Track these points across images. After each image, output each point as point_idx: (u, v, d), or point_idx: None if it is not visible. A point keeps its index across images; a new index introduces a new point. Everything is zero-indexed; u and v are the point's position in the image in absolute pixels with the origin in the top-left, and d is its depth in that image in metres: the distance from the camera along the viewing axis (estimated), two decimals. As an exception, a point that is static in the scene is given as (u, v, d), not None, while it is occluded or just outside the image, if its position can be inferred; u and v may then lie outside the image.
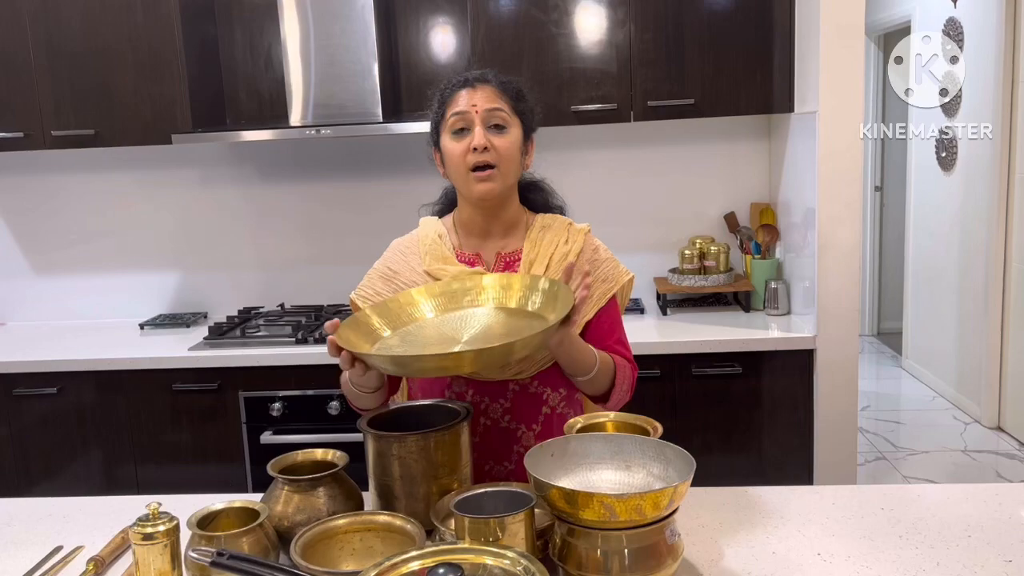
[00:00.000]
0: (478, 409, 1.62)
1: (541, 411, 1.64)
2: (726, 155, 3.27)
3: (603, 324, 1.66)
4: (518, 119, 1.62)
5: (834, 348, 2.77)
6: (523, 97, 1.64)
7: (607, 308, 1.67)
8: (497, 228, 1.68)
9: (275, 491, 1.40)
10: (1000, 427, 4.51)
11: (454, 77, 1.65)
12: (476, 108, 1.58)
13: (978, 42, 4.39)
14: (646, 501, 1.16)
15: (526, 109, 1.64)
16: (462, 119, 1.58)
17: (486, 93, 1.59)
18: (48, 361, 2.91)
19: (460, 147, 1.58)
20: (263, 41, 3.22)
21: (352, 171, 3.34)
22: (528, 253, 1.65)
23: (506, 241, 1.68)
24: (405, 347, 1.49)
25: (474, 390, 1.62)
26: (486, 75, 1.63)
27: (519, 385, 1.62)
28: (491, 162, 1.57)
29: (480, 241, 1.68)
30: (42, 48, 2.96)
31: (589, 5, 2.88)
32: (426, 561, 1.10)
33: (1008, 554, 1.34)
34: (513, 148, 1.60)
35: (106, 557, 1.41)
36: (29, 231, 3.46)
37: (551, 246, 1.65)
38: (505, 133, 1.59)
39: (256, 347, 2.90)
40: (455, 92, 1.61)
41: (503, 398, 1.62)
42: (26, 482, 2.94)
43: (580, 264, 1.64)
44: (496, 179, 1.58)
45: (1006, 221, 4.36)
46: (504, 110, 1.59)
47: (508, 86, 1.63)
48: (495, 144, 1.57)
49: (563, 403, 1.66)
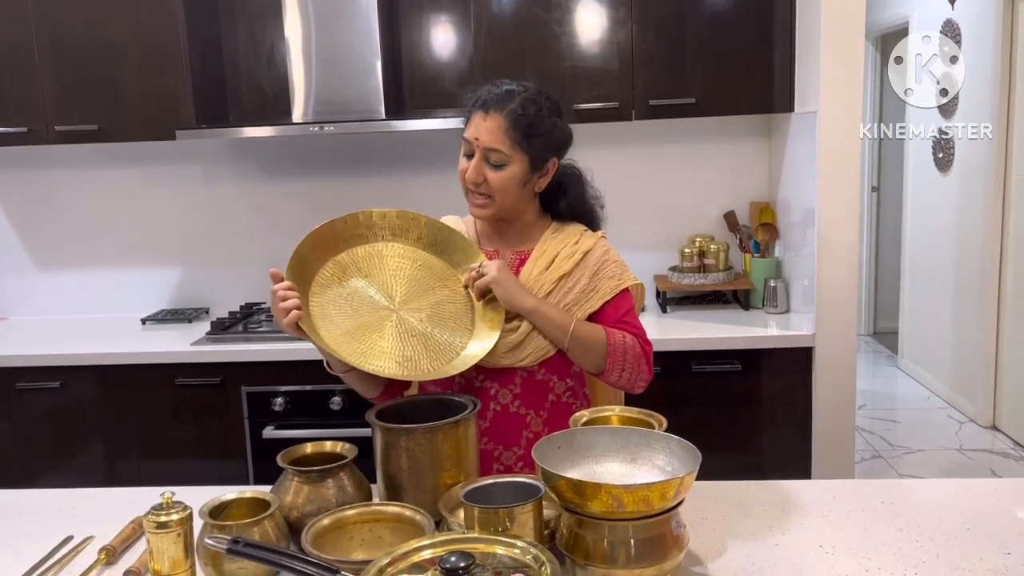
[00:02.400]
0: (488, 394, 1.67)
1: (547, 398, 1.69)
2: (726, 154, 3.29)
3: (606, 310, 1.70)
4: (523, 154, 1.63)
5: (832, 346, 2.79)
6: (535, 131, 1.63)
7: (614, 298, 1.70)
8: (511, 233, 1.75)
9: (285, 482, 1.42)
10: (995, 426, 4.54)
11: (483, 91, 1.66)
12: (478, 142, 1.62)
13: (975, 44, 4.42)
14: (653, 492, 1.18)
15: (536, 144, 1.63)
16: (469, 145, 1.64)
17: (492, 126, 1.61)
18: (51, 355, 2.92)
19: (462, 167, 1.66)
20: (266, 38, 3.24)
21: (354, 168, 3.36)
22: (537, 251, 1.71)
23: (521, 242, 1.74)
24: (345, 318, 1.62)
25: (484, 376, 1.67)
26: (506, 103, 1.61)
27: (527, 372, 1.67)
28: (485, 192, 1.64)
29: (498, 240, 1.75)
30: (46, 43, 2.97)
31: (591, 4, 2.90)
32: (437, 550, 1.12)
33: (1007, 547, 1.36)
34: (510, 183, 1.63)
35: (117, 547, 1.43)
36: (32, 226, 3.47)
37: (560, 245, 1.71)
38: (502, 170, 1.62)
39: (258, 342, 2.92)
40: (473, 112, 1.65)
41: (512, 384, 1.68)
42: (29, 476, 2.95)
43: (588, 262, 1.69)
44: (491, 207, 1.66)
45: (1002, 222, 4.39)
46: (503, 150, 1.61)
47: (520, 120, 1.61)
48: (488, 178, 1.62)
49: (568, 393, 1.72)
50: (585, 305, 1.68)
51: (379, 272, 1.68)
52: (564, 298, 1.67)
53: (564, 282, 1.68)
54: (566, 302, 1.67)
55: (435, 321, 1.64)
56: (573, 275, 1.68)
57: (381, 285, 1.66)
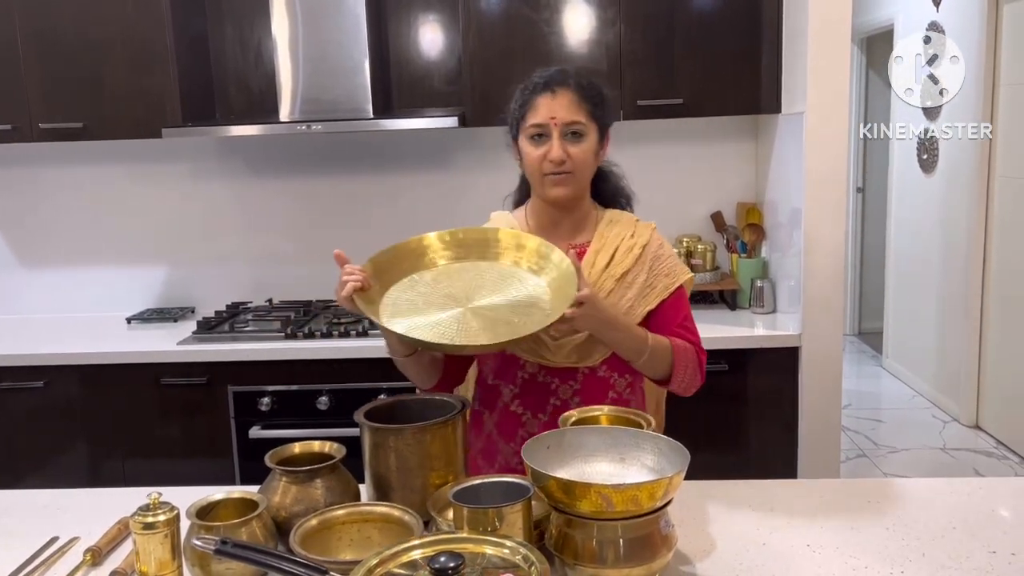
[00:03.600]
0: (548, 390, 1.68)
1: (607, 395, 1.69)
2: (714, 155, 3.30)
3: (667, 311, 1.71)
4: (595, 123, 1.64)
5: (818, 346, 2.81)
6: (602, 101, 1.66)
7: (671, 298, 1.71)
8: (567, 222, 1.73)
9: (273, 482, 1.42)
10: (978, 425, 4.58)
11: (535, 77, 1.66)
12: (555, 120, 1.61)
13: (960, 45, 4.44)
14: (642, 492, 1.19)
15: (601, 112, 1.66)
16: (541, 128, 1.62)
17: (565, 101, 1.62)
18: (35, 355, 2.90)
19: (538, 153, 1.63)
20: (253, 36, 3.22)
21: (342, 167, 3.35)
22: (595, 244, 1.71)
23: (576, 233, 1.73)
24: (410, 304, 1.56)
25: (546, 372, 1.68)
26: (567, 78, 1.64)
27: (589, 369, 1.68)
28: (567, 170, 1.62)
29: (552, 233, 1.72)
30: (31, 40, 2.95)
31: (579, 4, 2.90)
32: (427, 550, 1.12)
33: (992, 545, 1.37)
34: (589, 154, 1.64)
35: (103, 547, 1.42)
36: (16, 224, 3.44)
37: (617, 239, 1.71)
38: (582, 141, 1.63)
39: (245, 342, 2.90)
40: (535, 97, 1.64)
41: (573, 380, 1.68)
42: (12, 476, 2.92)
43: (645, 257, 1.70)
44: (570, 183, 1.64)
45: (986, 223, 4.42)
46: (581, 120, 1.62)
47: (589, 91, 1.64)
48: (571, 153, 1.62)
49: (628, 389, 1.73)
50: (643, 302, 1.68)
51: (447, 282, 1.62)
52: (625, 294, 1.67)
53: (624, 278, 1.68)
54: (627, 297, 1.67)
55: (508, 307, 1.58)
56: (632, 271, 1.69)
57: (449, 290, 1.60)
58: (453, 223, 1.72)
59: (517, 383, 1.69)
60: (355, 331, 2.88)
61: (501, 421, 1.72)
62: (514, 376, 1.69)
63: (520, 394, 1.70)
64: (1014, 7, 4.15)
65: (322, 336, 2.89)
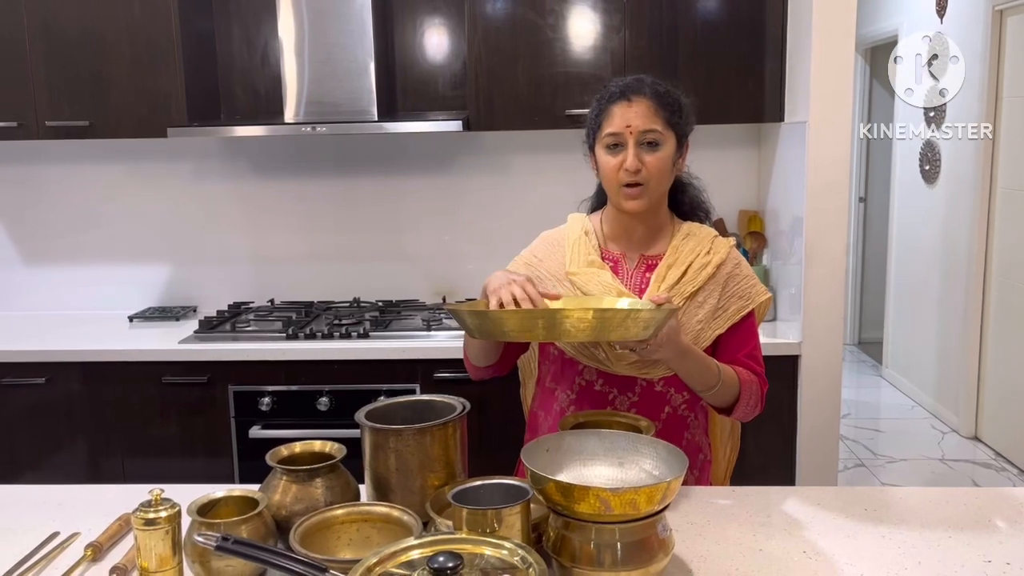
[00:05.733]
0: (605, 399, 1.66)
1: (664, 410, 1.66)
2: (716, 162, 3.30)
3: (736, 338, 1.68)
4: (672, 132, 1.62)
5: (818, 355, 2.81)
6: (679, 109, 1.64)
7: (741, 323, 1.69)
8: (642, 231, 1.70)
9: (273, 481, 1.42)
10: (977, 437, 4.58)
11: (612, 85, 1.65)
12: (631, 129, 1.59)
13: (963, 56, 4.45)
14: (640, 495, 1.19)
15: (678, 121, 1.64)
16: (616, 138, 1.61)
17: (641, 109, 1.60)
18: (36, 351, 2.91)
19: (614, 163, 1.61)
20: (260, 37, 3.24)
21: (345, 169, 3.36)
22: (668, 258, 1.68)
23: (650, 244, 1.71)
24: None
25: (604, 380, 1.66)
26: (643, 86, 1.62)
27: (647, 382, 1.65)
28: (641, 180, 1.60)
29: (625, 242, 1.71)
30: (38, 37, 2.96)
31: (585, 11, 2.91)
32: (425, 550, 1.13)
33: (987, 555, 1.38)
34: (665, 163, 1.62)
35: (104, 543, 1.43)
36: (20, 221, 3.45)
37: (692, 254, 1.68)
38: (658, 150, 1.60)
39: (246, 342, 2.91)
40: (611, 105, 1.62)
41: (631, 391, 1.66)
42: (11, 472, 2.93)
43: (719, 276, 1.67)
44: (644, 196, 1.62)
45: (987, 234, 4.43)
46: (658, 128, 1.60)
47: (665, 99, 1.62)
48: (647, 162, 1.59)
49: (684, 405, 1.69)
50: (713, 324, 1.65)
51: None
52: (695, 314, 1.64)
53: (695, 297, 1.65)
54: (697, 319, 1.64)
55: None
56: (704, 289, 1.66)
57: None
58: (456, 226, 1.73)
59: (574, 389, 1.67)
60: (356, 332, 2.89)
61: (555, 425, 1.69)
62: (572, 381, 1.67)
63: (576, 400, 1.68)
64: (1018, 19, 4.17)
65: (323, 337, 2.90)
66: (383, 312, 3.16)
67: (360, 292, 3.36)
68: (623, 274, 1.70)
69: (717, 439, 1.83)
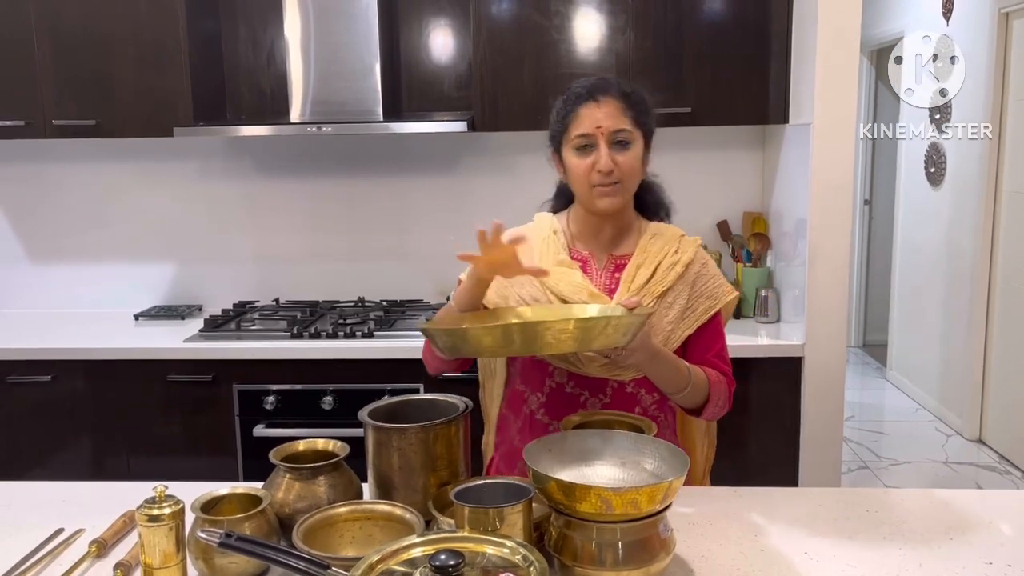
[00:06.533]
0: (578, 402, 1.65)
1: (634, 410, 1.65)
2: (720, 164, 3.31)
3: (704, 339, 1.68)
4: (640, 131, 1.62)
5: (822, 357, 2.82)
6: (646, 108, 1.63)
7: (709, 323, 1.68)
8: (610, 231, 1.70)
9: (277, 478, 1.43)
10: (981, 440, 4.57)
11: (576, 87, 1.63)
12: (601, 130, 1.58)
13: (969, 60, 4.45)
14: (642, 495, 1.20)
15: (645, 119, 1.63)
16: (587, 139, 1.59)
17: (609, 109, 1.58)
18: (42, 349, 2.92)
19: (585, 164, 1.60)
20: (266, 37, 3.24)
21: (350, 169, 3.37)
22: (637, 257, 1.67)
23: (618, 244, 1.71)
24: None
25: (575, 382, 1.65)
26: (609, 86, 1.61)
27: (617, 383, 1.65)
28: (615, 179, 1.59)
29: (593, 242, 1.71)
30: (45, 37, 2.98)
31: (590, 12, 2.92)
32: (428, 548, 1.13)
33: (988, 557, 1.38)
34: (636, 162, 1.61)
35: (108, 540, 1.43)
36: (26, 219, 3.47)
37: (660, 254, 1.67)
38: (629, 149, 1.60)
39: (251, 340, 2.92)
40: (578, 107, 1.60)
41: (602, 393, 1.65)
42: (17, 470, 2.94)
43: (687, 275, 1.67)
44: (619, 194, 1.61)
45: (992, 236, 4.43)
46: (627, 127, 1.59)
47: (632, 98, 1.62)
48: (619, 162, 1.58)
49: (654, 406, 1.69)
50: (682, 325, 1.65)
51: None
52: (665, 315, 1.64)
53: (665, 297, 1.65)
54: (667, 319, 1.64)
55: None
56: (674, 289, 1.65)
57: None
58: (460, 227, 1.73)
59: (544, 391, 1.67)
60: (360, 332, 2.90)
61: (524, 428, 1.69)
62: (542, 383, 1.66)
63: (547, 403, 1.67)
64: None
65: (328, 336, 2.91)
66: (387, 312, 3.17)
67: (365, 292, 3.37)
68: (592, 274, 1.69)
69: (693, 438, 1.83)
